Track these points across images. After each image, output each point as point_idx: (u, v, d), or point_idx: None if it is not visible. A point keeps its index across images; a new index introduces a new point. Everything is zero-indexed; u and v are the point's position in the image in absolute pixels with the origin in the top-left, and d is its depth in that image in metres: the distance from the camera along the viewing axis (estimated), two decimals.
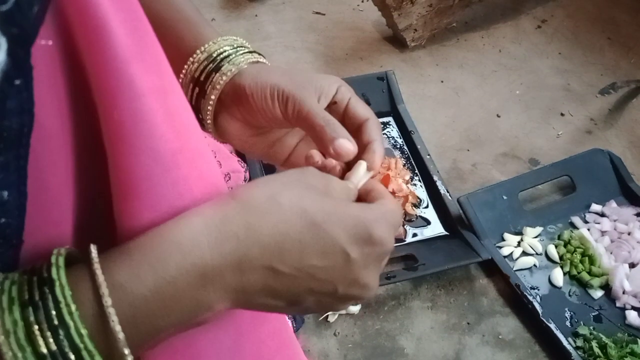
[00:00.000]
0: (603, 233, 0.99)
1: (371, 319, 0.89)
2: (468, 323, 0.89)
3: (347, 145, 0.42)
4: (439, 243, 0.96)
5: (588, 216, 1.02)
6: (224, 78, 0.47)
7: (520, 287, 0.88)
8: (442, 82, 1.28)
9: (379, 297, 0.91)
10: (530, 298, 0.87)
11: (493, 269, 0.94)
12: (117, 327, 0.31)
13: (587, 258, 0.94)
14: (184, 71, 0.49)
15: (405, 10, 1.25)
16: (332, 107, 0.46)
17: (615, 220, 1.00)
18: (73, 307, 0.30)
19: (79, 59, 0.35)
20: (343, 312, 0.89)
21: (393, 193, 0.97)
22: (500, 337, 0.88)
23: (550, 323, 0.85)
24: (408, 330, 0.88)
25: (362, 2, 1.46)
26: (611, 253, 0.96)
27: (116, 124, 0.35)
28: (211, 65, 0.48)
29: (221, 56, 0.48)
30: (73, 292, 0.30)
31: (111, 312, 0.30)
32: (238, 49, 0.49)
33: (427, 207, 1.01)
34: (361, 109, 0.45)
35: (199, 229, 0.34)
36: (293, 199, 0.35)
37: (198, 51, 0.48)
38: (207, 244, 0.33)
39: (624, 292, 0.90)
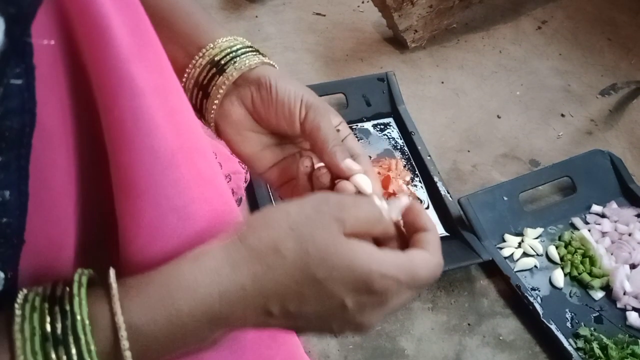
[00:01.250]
0: (604, 234, 0.99)
1: None
2: (469, 324, 0.89)
3: (355, 164, 0.45)
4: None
5: (588, 217, 1.01)
6: (250, 62, 0.47)
7: (521, 288, 0.88)
8: (442, 83, 1.28)
9: None
10: (531, 299, 0.87)
11: (493, 270, 0.94)
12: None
13: (587, 259, 0.94)
14: (186, 75, 0.49)
15: (405, 11, 1.25)
16: None
17: (615, 221, 1.00)
18: (92, 347, 0.31)
19: (80, 59, 0.35)
20: None
21: (393, 194, 0.97)
22: (500, 338, 0.88)
23: (551, 324, 0.85)
24: (408, 331, 0.88)
25: (363, 3, 1.46)
26: (612, 254, 0.96)
27: (116, 122, 0.35)
28: (214, 69, 0.48)
29: (225, 59, 0.48)
30: (92, 326, 0.32)
31: (127, 355, 0.32)
32: (240, 50, 0.49)
33: (427, 208, 1.01)
34: (357, 145, 0.49)
35: (210, 277, 0.35)
36: (297, 253, 0.36)
37: (197, 56, 0.49)
38: (218, 294, 0.35)
39: (624, 293, 0.90)
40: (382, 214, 0.40)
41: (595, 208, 1.02)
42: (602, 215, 1.02)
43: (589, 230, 0.99)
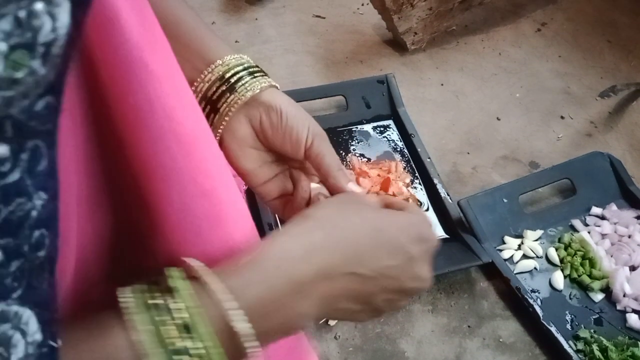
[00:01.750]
0: (603, 236, 0.99)
1: (372, 323, 0.89)
2: (469, 326, 0.89)
3: (358, 188, 0.52)
4: (440, 246, 0.96)
5: (588, 219, 1.02)
6: (264, 84, 0.51)
7: (521, 290, 0.88)
8: (442, 85, 1.28)
9: None
10: (531, 301, 0.87)
11: (493, 272, 0.94)
12: (247, 325, 0.35)
13: (587, 261, 0.94)
14: (193, 88, 0.51)
15: (405, 13, 1.25)
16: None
17: (615, 223, 1.00)
18: (202, 309, 0.34)
19: (89, 52, 0.35)
20: None
21: (393, 196, 0.97)
22: (500, 340, 0.88)
23: (551, 326, 0.85)
24: (409, 333, 0.88)
25: (362, 5, 1.47)
26: (612, 256, 0.96)
27: (132, 109, 0.36)
28: (224, 86, 0.51)
29: (235, 77, 0.51)
30: (195, 297, 0.34)
31: (239, 313, 0.35)
32: (250, 69, 0.52)
33: (427, 210, 1.01)
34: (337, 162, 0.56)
35: (289, 246, 0.39)
36: (357, 212, 0.43)
37: (205, 71, 0.51)
38: (299, 258, 0.38)
39: (624, 295, 0.90)
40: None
41: (595, 210, 1.02)
42: (602, 217, 1.02)
43: (589, 232, 0.99)
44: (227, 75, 0.51)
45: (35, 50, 0.23)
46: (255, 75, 0.51)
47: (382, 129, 1.14)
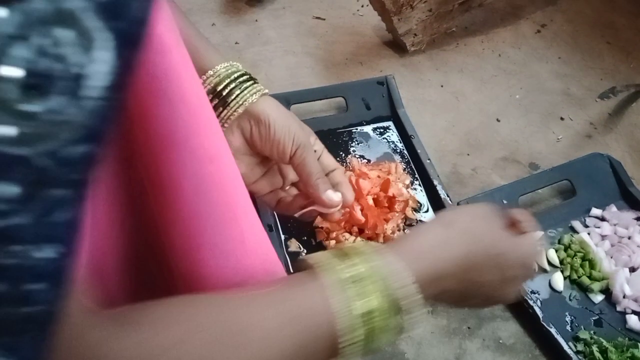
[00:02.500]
0: (603, 237, 0.99)
1: None
2: (468, 327, 0.89)
3: (335, 195, 0.58)
4: None
5: (588, 220, 1.02)
6: (253, 97, 0.54)
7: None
8: (441, 86, 1.28)
9: None
10: (531, 302, 0.87)
11: None
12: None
13: (587, 262, 0.94)
14: (201, 79, 0.53)
15: (404, 15, 1.25)
16: None
17: (615, 225, 1.00)
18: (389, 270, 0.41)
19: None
20: None
21: (393, 197, 0.97)
22: (500, 341, 0.88)
23: (551, 327, 0.85)
24: (408, 334, 0.88)
25: (362, 7, 1.47)
26: (611, 257, 0.96)
27: (148, 78, 0.37)
28: (217, 99, 0.54)
29: (226, 89, 0.54)
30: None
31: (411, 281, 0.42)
32: (240, 79, 0.55)
33: (427, 211, 1.01)
34: (332, 160, 0.61)
35: (440, 238, 0.46)
36: (489, 233, 0.48)
37: (218, 67, 0.53)
38: (442, 253, 0.45)
39: (624, 297, 0.90)
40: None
41: (595, 211, 1.02)
42: (602, 219, 1.02)
43: (589, 234, 0.99)
44: (219, 88, 0.54)
45: (55, 85, 0.20)
46: (246, 85, 0.54)
47: (381, 130, 1.14)
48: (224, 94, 0.54)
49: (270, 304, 0.36)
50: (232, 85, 0.54)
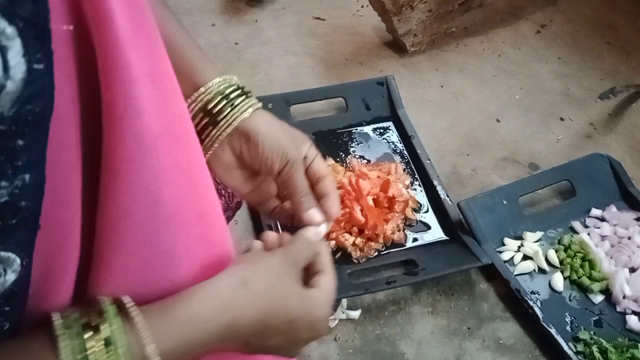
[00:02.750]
0: (603, 237, 0.99)
1: (371, 324, 0.89)
2: (468, 328, 0.89)
3: (317, 215, 0.56)
4: (439, 248, 0.96)
5: (588, 221, 1.02)
6: (244, 115, 0.54)
7: (521, 292, 0.88)
8: (441, 86, 1.28)
9: (379, 302, 0.91)
10: (531, 303, 0.87)
11: (493, 274, 0.94)
12: None
13: (587, 263, 0.94)
14: (194, 96, 0.53)
15: (404, 15, 1.25)
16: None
17: (615, 225, 1.00)
18: (124, 349, 0.36)
19: (90, 42, 0.36)
20: (344, 317, 0.89)
21: (393, 198, 0.97)
22: (500, 342, 0.88)
23: (551, 328, 0.85)
24: (408, 335, 0.88)
25: (362, 7, 1.47)
26: (611, 257, 0.96)
27: (109, 105, 0.37)
28: (207, 118, 0.53)
29: (217, 107, 0.53)
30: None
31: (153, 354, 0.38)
32: (231, 94, 0.54)
33: (427, 211, 1.01)
34: (323, 166, 0.58)
35: (210, 303, 0.42)
36: (284, 298, 0.46)
37: (189, 100, 0.53)
38: (213, 316, 0.42)
39: (624, 297, 0.90)
40: (315, 248, 0.52)
41: (595, 212, 1.02)
42: (602, 219, 1.02)
43: (589, 234, 0.99)
44: (209, 106, 0.53)
45: None
46: (237, 102, 0.54)
47: (381, 130, 1.14)
48: (214, 112, 0.53)
49: None
50: (223, 103, 0.53)
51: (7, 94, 0.28)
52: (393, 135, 1.14)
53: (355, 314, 0.89)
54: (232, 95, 0.54)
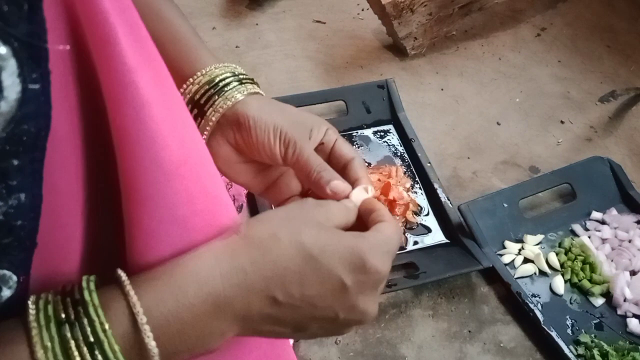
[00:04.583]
0: (604, 241, 0.99)
1: (372, 327, 0.89)
2: (469, 331, 0.89)
3: (342, 185, 0.46)
4: (440, 251, 0.96)
5: (589, 224, 1.02)
6: (228, 103, 0.49)
7: (522, 295, 0.88)
8: (442, 90, 1.28)
9: (380, 305, 0.91)
10: (532, 306, 0.87)
11: (494, 277, 0.94)
12: (152, 343, 0.33)
13: (587, 266, 0.94)
14: (181, 90, 0.50)
15: (405, 18, 1.26)
16: (319, 147, 0.50)
17: (615, 228, 1.00)
18: (107, 326, 0.32)
19: (91, 64, 0.36)
20: None
21: (394, 201, 0.97)
22: (501, 345, 0.88)
23: (552, 331, 0.85)
24: (409, 338, 0.88)
25: (362, 10, 1.47)
26: (612, 261, 0.96)
27: (121, 130, 0.36)
28: (212, 90, 0.49)
29: (224, 82, 0.49)
30: (105, 312, 0.33)
31: (146, 328, 0.33)
32: (239, 76, 0.51)
33: (427, 214, 1.01)
34: (347, 149, 0.50)
35: (211, 262, 0.37)
36: (292, 235, 0.38)
37: (199, 73, 0.50)
38: (220, 276, 0.36)
39: (625, 300, 0.90)
40: (349, 207, 0.45)
41: (595, 215, 1.02)
42: (602, 222, 1.02)
43: (589, 237, 0.99)
44: (197, 96, 0.50)
45: None
46: (226, 89, 0.49)
47: (382, 133, 1.14)
48: (202, 102, 0.49)
49: None
50: (211, 92, 0.49)
51: (1, 115, 0.28)
52: (393, 139, 1.14)
53: None
54: (221, 84, 0.50)
